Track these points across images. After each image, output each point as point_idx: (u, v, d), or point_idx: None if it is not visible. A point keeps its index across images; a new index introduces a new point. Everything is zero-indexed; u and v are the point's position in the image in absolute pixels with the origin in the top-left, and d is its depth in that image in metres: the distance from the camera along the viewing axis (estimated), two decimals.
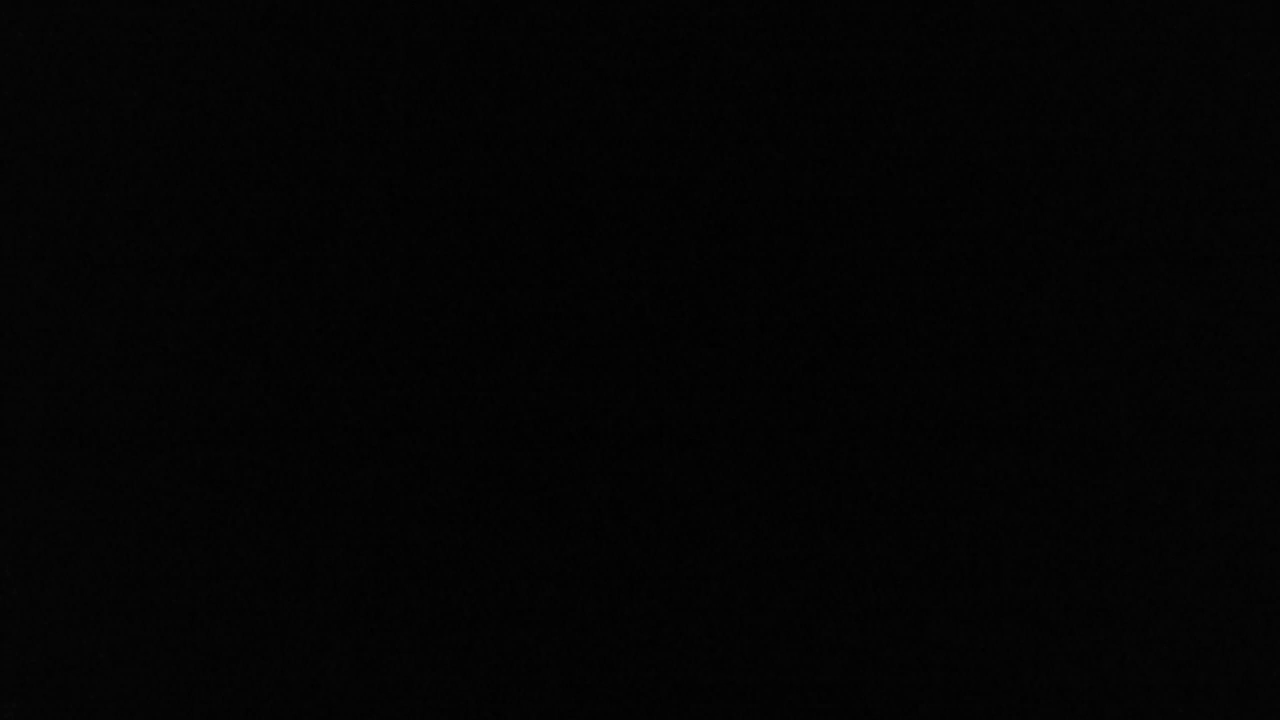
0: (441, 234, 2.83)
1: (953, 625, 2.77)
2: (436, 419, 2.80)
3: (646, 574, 2.78)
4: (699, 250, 2.83)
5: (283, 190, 2.83)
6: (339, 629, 2.78)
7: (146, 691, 2.78)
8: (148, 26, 2.85)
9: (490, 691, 2.78)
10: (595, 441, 2.80)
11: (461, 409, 2.80)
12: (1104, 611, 2.77)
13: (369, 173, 2.83)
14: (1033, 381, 2.80)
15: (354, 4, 2.85)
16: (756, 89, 2.84)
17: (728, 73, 2.85)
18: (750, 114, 2.84)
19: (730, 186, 2.83)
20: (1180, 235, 2.83)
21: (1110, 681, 2.77)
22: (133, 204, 2.83)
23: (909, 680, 2.77)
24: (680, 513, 2.79)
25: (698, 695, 2.77)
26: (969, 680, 2.77)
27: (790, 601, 2.78)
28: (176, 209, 2.83)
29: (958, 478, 2.79)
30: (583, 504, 2.79)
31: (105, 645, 2.78)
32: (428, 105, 2.84)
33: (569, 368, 2.81)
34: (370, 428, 2.80)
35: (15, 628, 2.78)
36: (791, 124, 2.84)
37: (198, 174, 2.84)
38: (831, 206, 2.83)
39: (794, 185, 2.83)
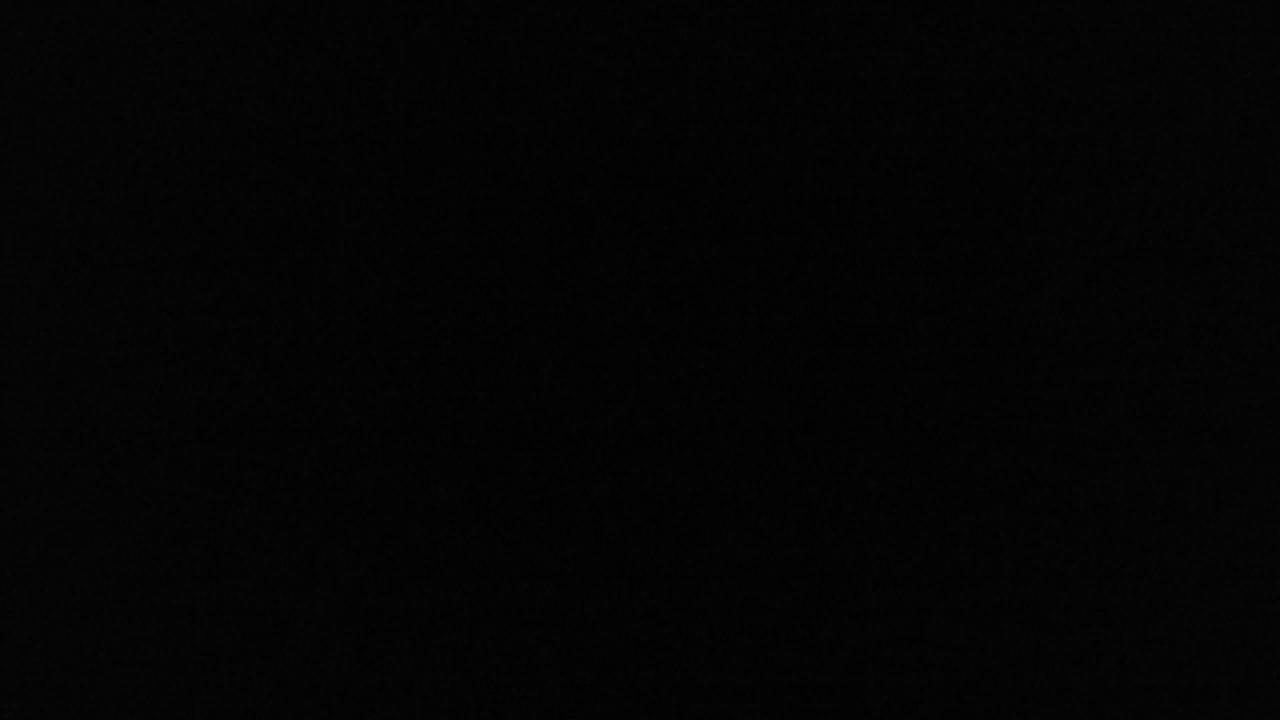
0: (441, 234, 2.83)
1: (953, 625, 2.77)
2: (436, 419, 2.80)
3: (646, 574, 2.78)
4: (699, 250, 2.83)
5: (283, 190, 2.83)
6: (339, 629, 2.78)
7: (146, 691, 2.78)
8: (148, 26, 2.86)
9: (490, 691, 2.78)
10: (595, 441, 2.80)
11: (461, 409, 2.80)
12: (1104, 611, 2.77)
13: (369, 173, 2.83)
14: (1033, 381, 2.80)
15: (354, 4, 2.85)
16: (756, 89, 2.85)
17: (728, 73, 2.85)
18: (750, 114, 2.84)
19: (730, 186, 2.83)
20: (1180, 235, 2.83)
21: (1110, 681, 2.77)
22: (133, 204, 2.83)
23: (909, 680, 2.77)
24: (680, 513, 2.79)
25: (698, 695, 2.77)
26: (969, 680, 2.77)
27: (790, 601, 2.78)
28: (176, 209, 2.83)
29: (958, 478, 2.79)
30: (583, 504, 2.79)
31: (105, 645, 2.78)
32: (428, 105, 2.84)
33: (569, 368, 2.81)
34: (370, 428, 2.80)
35: (15, 628, 2.78)
36: (791, 124, 2.84)
37: (198, 174, 2.84)
38: (831, 206, 2.83)
39: (794, 185, 2.83)
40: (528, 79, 2.84)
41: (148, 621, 2.78)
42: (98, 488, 2.79)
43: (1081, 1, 2.85)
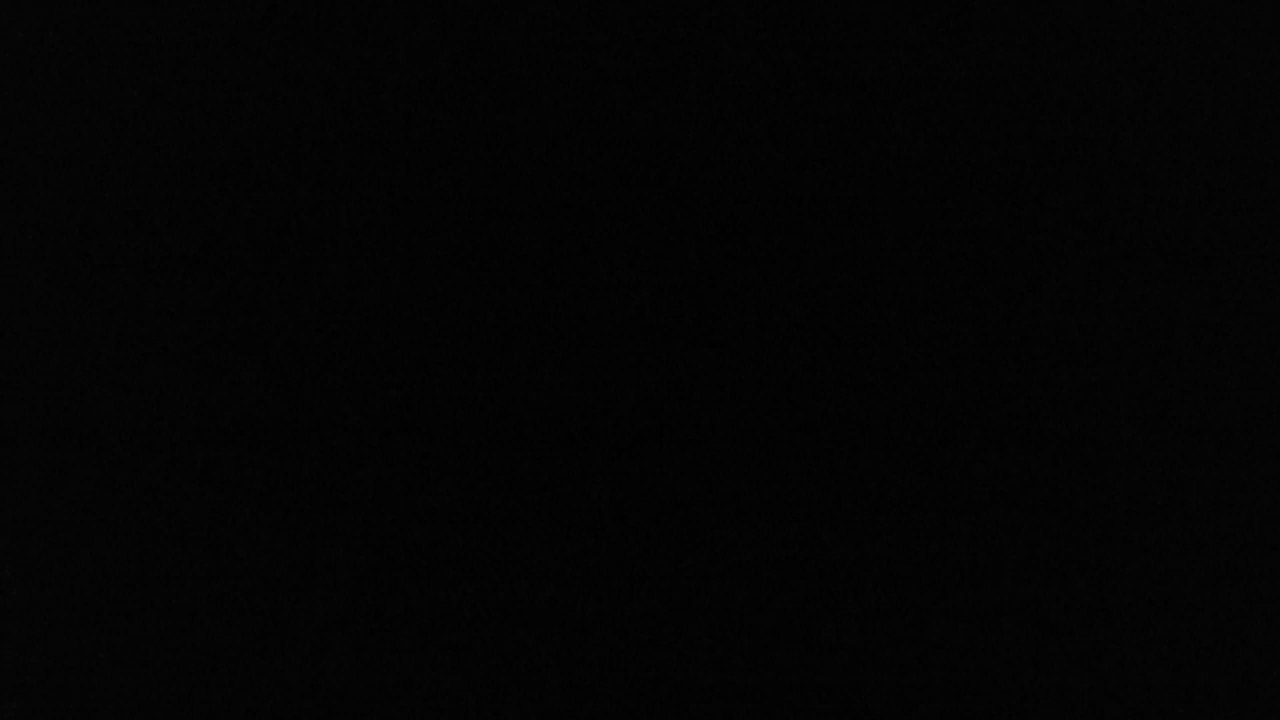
0: (441, 234, 2.83)
1: (953, 625, 2.77)
2: (436, 419, 2.80)
3: (646, 574, 2.78)
4: (699, 250, 2.83)
5: (283, 190, 2.83)
6: (339, 629, 2.78)
7: (146, 691, 2.78)
8: (148, 26, 2.86)
9: (490, 691, 2.78)
10: (595, 441, 2.80)
11: (461, 409, 2.80)
12: (1104, 611, 2.77)
13: (369, 173, 2.83)
14: (1033, 381, 2.80)
15: (354, 4, 2.85)
16: (756, 89, 2.85)
17: (728, 73, 2.85)
18: (750, 114, 2.84)
19: (730, 186, 2.83)
20: (1180, 235, 2.83)
21: (1110, 681, 2.77)
22: (133, 204, 2.83)
23: (909, 680, 2.77)
24: (680, 513, 2.79)
25: (698, 695, 2.77)
26: (969, 680, 2.77)
27: (790, 601, 2.78)
28: (176, 209, 2.83)
29: (958, 478, 2.79)
30: (583, 504, 2.79)
31: (105, 645, 2.78)
32: (428, 105, 2.84)
33: (569, 368, 2.81)
34: (370, 428, 2.80)
35: (15, 628, 2.78)
36: (791, 124, 2.84)
37: (198, 174, 2.84)
38: (831, 206, 2.83)
39: (794, 185, 2.83)
40: (528, 79, 2.84)
41: (148, 621, 2.78)
42: (98, 488, 2.79)
43: (1081, 1, 2.85)
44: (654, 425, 2.80)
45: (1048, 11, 2.84)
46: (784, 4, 2.85)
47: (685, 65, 2.85)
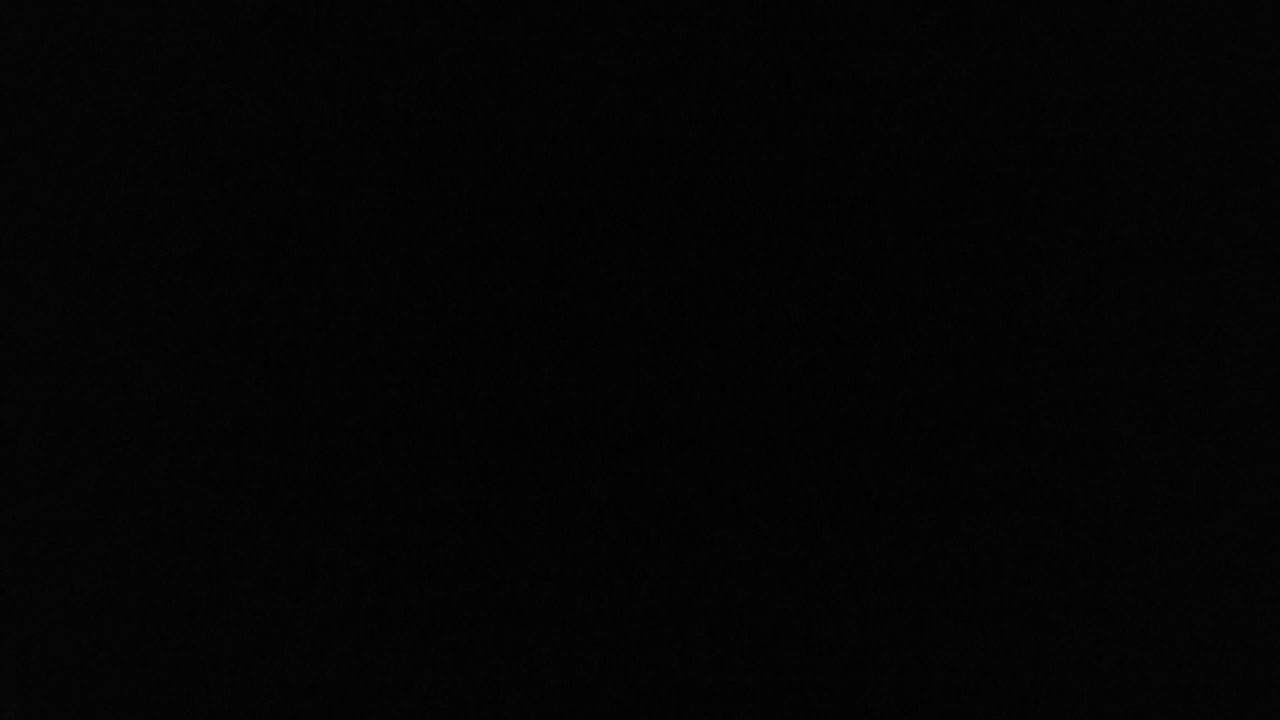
0: (441, 234, 2.83)
1: (953, 625, 2.77)
2: (436, 419, 2.80)
3: (646, 574, 2.79)
4: (699, 250, 2.83)
5: (283, 190, 2.83)
6: (339, 629, 2.78)
7: (146, 691, 2.78)
8: (148, 26, 2.86)
9: (490, 691, 2.78)
10: (595, 441, 2.80)
11: (461, 409, 2.80)
12: (1104, 611, 2.77)
13: (369, 173, 2.83)
14: (1033, 381, 2.80)
15: (354, 4, 2.85)
16: (756, 89, 2.85)
17: (728, 73, 2.85)
18: (750, 114, 2.84)
19: (730, 186, 2.83)
20: (1180, 235, 2.83)
21: (1110, 681, 2.77)
22: (133, 204, 2.83)
23: (909, 680, 2.77)
24: (680, 513, 2.79)
25: (698, 695, 2.77)
26: (969, 680, 2.77)
27: (790, 601, 2.78)
28: (176, 209, 2.83)
29: (958, 478, 2.79)
30: (583, 504, 2.79)
31: (105, 645, 2.78)
32: (428, 105, 2.84)
33: (569, 368, 2.81)
34: (370, 428, 2.80)
35: (15, 628, 2.78)
36: (791, 124, 2.84)
37: (198, 174, 2.84)
38: (831, 206, 2.83)
39: (794, 185, 2.83)
40: (528, 79, 2.84)
41: (148, 621, 2.78)
42: (98, 488, 2.79)
43: (1081, 1, 2.85)
44: (654, 425, 2.80)
45: (1048, 11, 2.84)
46: (784, 4, 2.85)
47: (685, 65, 2.85)
